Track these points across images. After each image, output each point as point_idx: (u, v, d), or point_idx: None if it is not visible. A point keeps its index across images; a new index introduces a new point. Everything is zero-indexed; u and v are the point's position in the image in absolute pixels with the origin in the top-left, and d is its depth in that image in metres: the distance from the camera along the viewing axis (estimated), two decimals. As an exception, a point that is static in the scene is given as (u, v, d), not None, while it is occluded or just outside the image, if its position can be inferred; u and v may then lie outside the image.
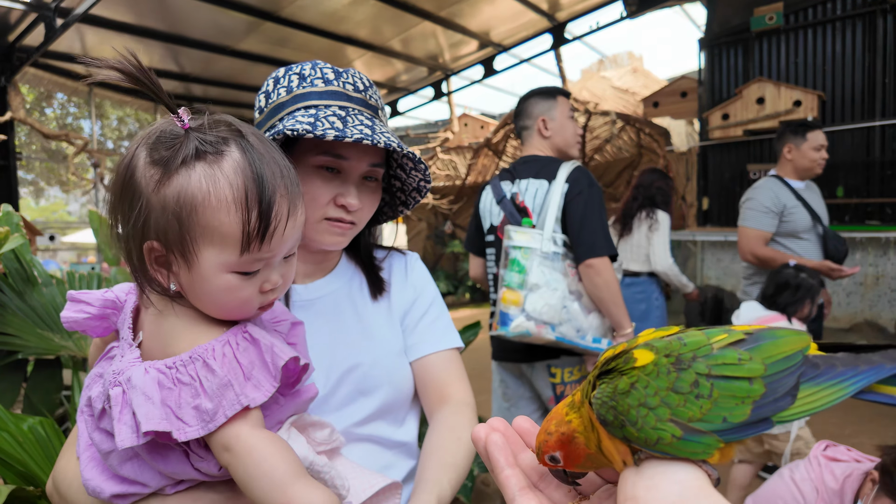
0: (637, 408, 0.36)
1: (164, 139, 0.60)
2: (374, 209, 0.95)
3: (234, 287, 0.62)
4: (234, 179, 0.59)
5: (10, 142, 4.60)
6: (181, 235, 0.59)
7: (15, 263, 1.74)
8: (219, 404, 0.58)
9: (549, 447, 0.42)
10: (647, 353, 0.38)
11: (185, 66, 6.16)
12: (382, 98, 1.03)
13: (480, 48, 6.78)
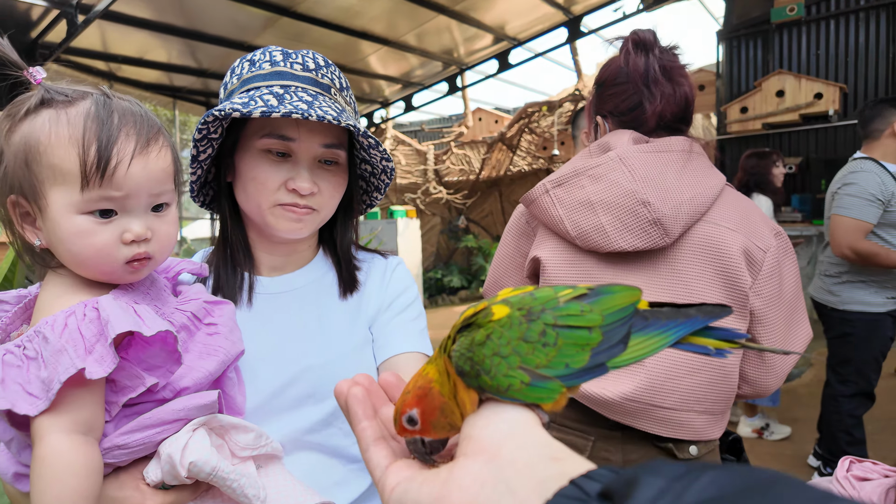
0: (491, 357, 0.39)
1: (21, 98, 0.63)
2: (336, 195, 0.90)
3: (87, 231, 0.61)
4: (76, 119, 0.60)
5: None
6: (30, 181, 0.61)
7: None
8: (54, 370, 0.56)
9: (406, 405, 0.43)
10: (503, 308, 0.41)
11: (203, 62, 6.21)
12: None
13: (495, 42, 6.76)
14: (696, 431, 1.17)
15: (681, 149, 1.17)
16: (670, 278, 1.15)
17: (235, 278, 0.90)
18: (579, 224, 1.18)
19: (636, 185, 1.12)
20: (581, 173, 1.20)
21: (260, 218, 0.87)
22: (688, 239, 1.15)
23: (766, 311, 1.16)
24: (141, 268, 0.65)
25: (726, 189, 1.22)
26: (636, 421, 1.17)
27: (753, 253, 1.14)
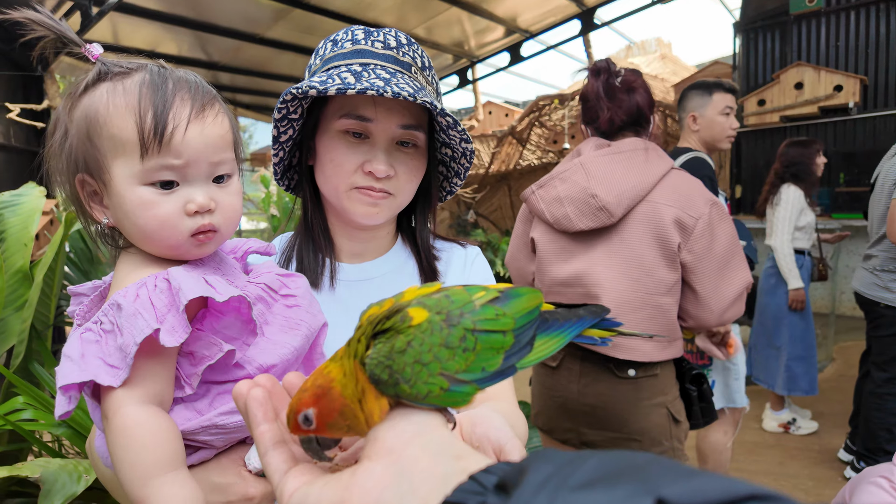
0: (412, 365, 0.38)
1: (81, 76, 0.63)
2: (414, 179, 0.87)
3: (150, 202, 0.60)
4: (131, 88, 0.60)
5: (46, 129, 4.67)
6: (94, 155, 0.61)
7: (80, 243, 1.76)
8: (129, 335, 0.55)
9: (303, 404, 0.41)
10: (421, 311, 0.40)
11: (213, 55, 6.19)
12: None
13: (507, 35, 6.71)
14: (647, 354, 1.59)
15: (629, 149, 1.63)
16: (621, 245, 1.61)
17: (318, 263, 0.89)
18: (554, 214, 1.67)
19: (588, 183, 1.61)
20: (555, 177, 1.70)
21: (337, 202, 0.86)
22: (633, 216, 1.60)
23: (697, 263, 1.57)
24: (207, 241, 0.64)
25: (672, 173, 1.63)
26: (596, 347, 1.58)
27: (685, 221, 1.55)
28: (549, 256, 1.74)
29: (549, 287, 1.75)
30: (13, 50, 4.28)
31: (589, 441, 1.73)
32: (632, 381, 1.64)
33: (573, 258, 1.68)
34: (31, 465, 1.19)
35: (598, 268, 1.63)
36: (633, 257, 1.59)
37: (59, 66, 5.34)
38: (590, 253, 1.65)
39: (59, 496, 1.15)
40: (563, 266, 1.70)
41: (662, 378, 1.66)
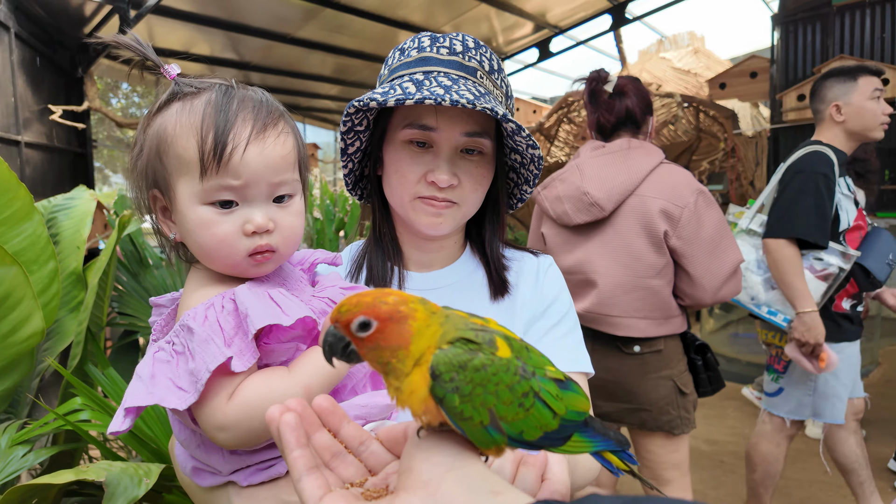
0: (476, 384, 0.39)
1: (158, 95, 0.66)
2: (479, 188, 0.85)
3: (209, 221, 0.61)
4: (197, 108, 0.62)
5: (87, 130, 4.78)
6: (163, 173, 0.62)
7: (130, 246, 1.79)
8: (201, 360, 0.55)
9: (374, 311, 0.41)
10: (505, 347, 0.42)
11: (245, 55, 6.26)
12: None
13: (535, 31, 6.63)
14: (642, 331, 1.79)
15: (619, 148, 1.85)
16: (613, 236, 1.81)
17: (387, 272, 0.89)
18: (556, 210, 1.91)
19: (582, 182, 1.83)
20: (555, 178, 1.94)
21: (403, 212, 0.86)
22: (623, 209, 1.80)
23: (686, 247, 1.76)
24: (265, 261, 0.64)
25: (661, 167, 1.82)
26: (597, 326, 1.84)
27: (671, 210, 1.75)
28: (556, 248, 1.95)
29: None
30: (55, 53, 4.38)
31: (603, 412, 1.92)
32: (638, 357, 1.82)
33: (575, 249, 1.90)
34: (95, 468, 1.22)
35: (594, 256, 1.84)
36: (623, 246, 1.79)
37: (97, 69, 5.47)
38: (587, 244, 1.86)
39: (123, 499, 1.17)
40: (567, 256, 1.91)
41: (667, 353, 1.83)
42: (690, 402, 1.88)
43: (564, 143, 8.16)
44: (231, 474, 0.64)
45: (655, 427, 1.84)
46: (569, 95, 7.46)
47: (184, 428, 0.66)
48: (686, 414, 1.86)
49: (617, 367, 1.85)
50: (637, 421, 1.87)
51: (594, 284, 1.82)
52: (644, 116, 1.91)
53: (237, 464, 0.63)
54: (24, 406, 1.78)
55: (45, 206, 2.05)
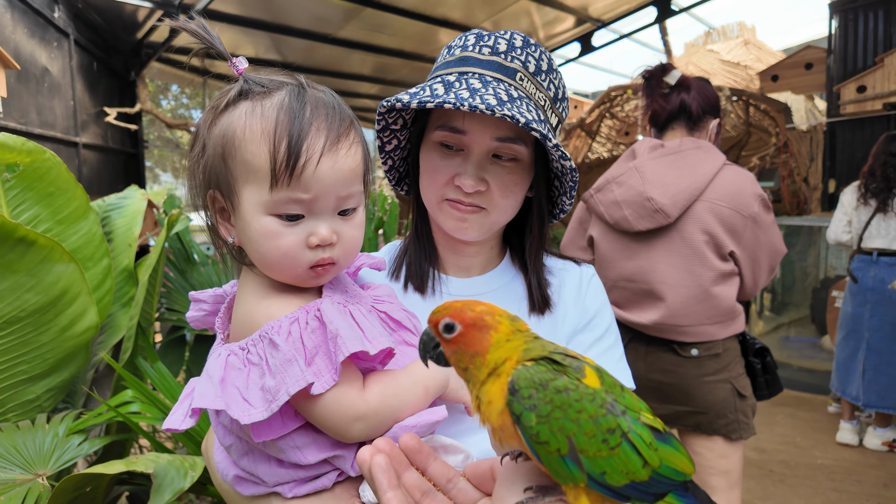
0: (555, 407, 0.38)
1: (224, 90, 0.62)
2: (510, 194, 0.81)
3: (273, 233, 0.58)
4: (269, 112, 0.58)
5: (139, 131, 4.98)
6: (226, 176, 0.60)
7: (178, 244, 1.85)
8: (281, 381, 0.54)
9: (460, 316, 0.43)
10: (594, 378, 0.41)
11: (288, 56, 6.39)
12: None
13: (577, 25, 6.51)
14: (711, 335, 1.75)
15: (680, 149, 1.78)
16: (681, 244, 1.74)
17: (423, 272, 0.88)
18: (613, 216, 1.80)
19: (644, 186, 1.73)
20: (611, 181, 1.83)
21: (432, 212, 0.85)
22: (690, 214, 1.72)
23: (745, 256, 1.74)
24: (325, 273, 0.63)
25: (724, 170, 1.75)
26: (664, 335, 1.78)
27: (736, 219, 1.70)
28: (613, 254, 1.86)
29: (613, 282, 1.88)
30: (110, 58, 4.58)
31: (657, 415, 1.83)
32: (695, 359, 1.77)
33: (636, 255, 1.81)
34: (144, 460, 1.26)
35: (660, 265, 1.75)
36: (691, 254, 1.72)
37: (149, 72, 5.69)
38: (651, 251, 1.77)
39: (169, 491, 1.21)
40: (627, 263, 1.82)
41: (725, 356, 1.77)
42: (749, 406, 1.82)
43: (607, 139, 7.99)
44: (275, 486, 0.63)
45: (712, 431, 1.79)
46: (611, 90, 7.29)
47: (229, 433, 0.64)
48: (744, 418, 1.80)
49: (672, 368, 1.80)
50: (692, 423, 1.82)
51: (660, 295, 1.76)
52: (702, 114, 1.84)
53: (283, 476, 0.62)
54: (80, 397, 1.86)
55: (100, 206, 2.14)
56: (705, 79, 1.90)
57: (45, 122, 3.38)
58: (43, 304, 1.53)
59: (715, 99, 1.86)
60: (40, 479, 1.34)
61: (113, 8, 4.27)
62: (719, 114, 1.87)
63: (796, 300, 5.48)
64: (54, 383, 1.66)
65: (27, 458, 1.41)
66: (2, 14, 2.93)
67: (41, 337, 1.57)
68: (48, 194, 1.70)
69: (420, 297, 0.87)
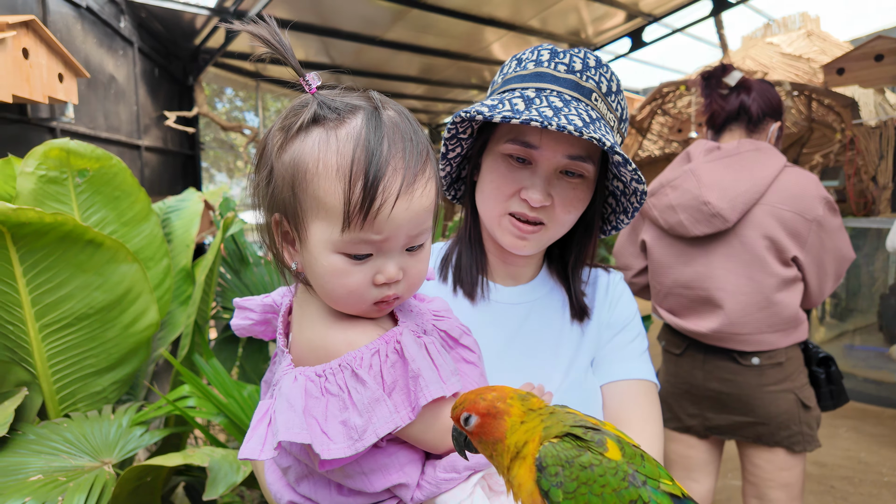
0: (581, 483, 0.40)
1: (294, 107, 0.59)
2: (573, 211, 0.81)
3: (341, 271, 0.56)
4: (345, 146, 0.55)
5: (196, 134, 5.19)
6: (294, 206, 0.57)
7: (232, 245, 1.92)
8: (369, 420, 0.52)
9: (475, 409, 0.46)
10: (616, 450, 0.42)
11: (336, 59, 6.51)
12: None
13: (628, 20, 6.35)
14: (772, 343, 1.69)
15: (738, 151, 1.71)
16: (740, 248, 1.67)
17: (473, 279, 0.89)
18: (668, 221, 1.75)
19: (700, 190, 1.68)
20: (665, 185, 1.78)
21: (489, 224, 0.85)
22: (749, 218, 1.65)
23: (809, 261, 1.67)
24: (387, 308, 0.62)
25: (786, 171, 1.68)
26: (723, 343, 1.72)
27: (799, 223, 1.62)
28: (668, 260, 1.81)
29: (669, 289, 1.82)
30: (170, 64, 4.79)
31: (714, 425, 1.81)
32: (756, 368, 1.71)
33: (692, 261, 1.75)
34: (200, 454, 1.32)
35: (718, 271, 1.69)
36: (752, 260, 1.66)
37: (205, 76, 5.92)
38: (709, 257, 1.71)
39: (223, 484, 1.26)
40: (683, 269, 1.77)
41: (788, 365, 1.71)
42: (814, 417, 1.75)
43: (658, 136, 7.77)
44: None
45: (773, 442, 1.72)
46: (663, 86, 7.09)
47: (287, 455, 0.63)
48: (809, 430, 1.73)
49: (731, 377, 1.74)
50: (752, 435, 1.75)
51: (718, 303, 1.70)
52: (762, 116, 1.77)
53: (340, 503, 0.61)
54: (142, 390, 1.96)
55: (161, 208, 2.25)
56: (768, 81, 1.83)
57: (111, 127, 3.57)
58: (109, 302, 1.62)
59: (777, 102, 1.78)
60: (106, 466, 1.42)
61: (173, 16, 4.46)
62: (781, 117, 1.79)
63: (862, 306, 5.18)
64: (118, 377, 1.75)
65: (94, 447, 1.50)
66: (73, 25, 3.12)
67: (107, 333, 1.66)
68: (114, 198, 1.80)
69: (469, 303, 0.88)
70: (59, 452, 1.46)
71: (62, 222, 1.44)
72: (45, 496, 1.27)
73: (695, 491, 1.91)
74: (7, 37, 2.15)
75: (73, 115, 2.80)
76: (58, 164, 1.69)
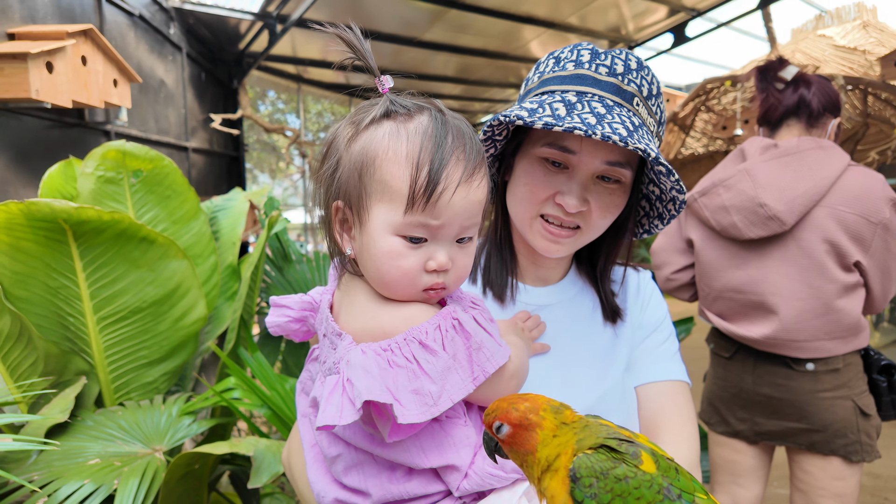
0: (616, 495, 0.40)
1: (365, 106, 0.64)
2: (608, 216, 0.80)
3: (397, 253, 0.60)
4: (414, 137, 0.60)
5: (240, 136, 5.35)
6: (359, 190, 0.61)
7: (276, 243, 1.98)
8: (443, 387, 0.55)
9: (507, 419, 0.46)
10: (651, 463, 0.42)
11: (376, 60, 6.60)
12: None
13: (670, 15, 6.21)
14: (829, 351, 1.61)
15: (798, 150, 1.61)
16: (798, 252, 1.59)
17: (503, 281, 0.89)
18: (721, 222, 1.68)
19: (756, 191, 1.60)
20: (718, 184, 1.69)
21: (520, 226, 0.84)
22: (807, 221, 1.57)
23: (873, 266, 1.58)
24: (435, 297, 0.65)
25: (849, 171, 1.58)
26: (777, 349, 1.65)
27: (863, 226, 1.53)
28: (719, 262, 1.73)
29: (719, 292, 1.74)
30: (216, 68, 4.95)
31: (764, 431, 1.74)
32: (810, 374, 1.64)
33: (745, 265, 1.67)
34: (245, 443, 1.37)
35: (773, 276, 1.61)
36: (810, 265, 1.58)
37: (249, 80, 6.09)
38: (763, 260, 1.64)
39: (267, 473, 1.30)
40: (735, 273, 1.69)
41: (846, 371, 1.64)
42: (874, 426, 1.66)
43: (702, 134, 7.55)
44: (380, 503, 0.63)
45: (829, 451, 1.64)
46: (707, 82, 6.88)
47: (337, 442, 0.64)
48: (868, 440, 1.64)
49: (784, 382, 1.67)
50: (806, 442, 1.68)
51: (772, 309, 1.63)
52: (822, 111, 1.68)
53: (392, 493, 0.62)
54: (190, 381, 2.05)
55: (208, 207, 2.33)
56: (826, 77, 1.74)
57: (161, 129, 3.72)
58: (160, 296, 1.70)
59: (836, 97, 1.68)
60: (157, 453, 1.49)
61: (219, 22, 4.61)
62: (839, 113, 1.69)
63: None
64: (168, 368, 1.83)
65: (146, 434, 1.57)
66: (127, 32, 3.26)
67: (158, 326, 1.74)
68: (165, 197, 1.88)
69: (499, 306, 0.89)
70: (115, 439, 1.54)
71: (118, 220, 1.52)
72: (103, 479, 1.34)
73: (742, 497, 1.85)
74: (68, 45, 2.27)
75: (127, 118, 2.94)
76: (114, 165, 1.78)
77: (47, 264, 1.56)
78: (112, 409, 1.67)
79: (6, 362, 1.55)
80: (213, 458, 1.51)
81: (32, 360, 1.58)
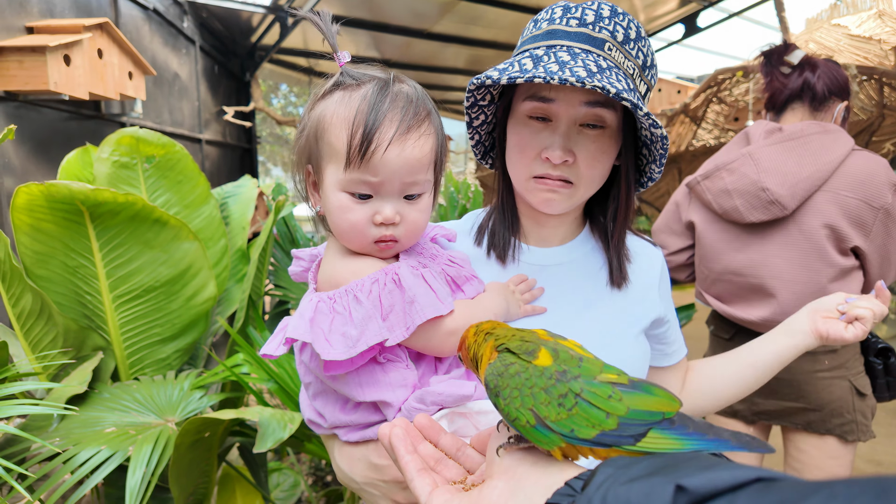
0: (512, 388, 0.46)
1: (327, 79, 0.72)
2: (597, 164, 0.80)
3: (345, 207, 0.67)
4: (354, 103, 0.66)
5: (253, 128, 5.44)
6: (317, 153, 0.69)
7: (283, 228, 2.05)
8: (362, 332, 0.63)
9: (462, 337, 0.57)
10: (547, 357, 0.47)
11: (386, 52, 6.64)
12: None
13: (681, 5, 6.17)
14: None
15: (802, 134, 1.60)
16: (798, 234, 1.60)
17: (505, 242, 0.91)
18: (722, 205, 1.68)
19: (758, 175, 1.60)
20: (721, 167, 1.69)
21: (519, 188, 0.86)
22: (809, 205, 1.57)
23: (872, 251, 1.58)
24: (388, 249, 0.71)
25: (853, 156, 1.57)
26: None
27: (865, 210, 1.53)
28: (719, 245, 1.74)
29: (718, 275, 1.77)
30: (228, 61, 5.04)
31: (762, 410, 1.76)
32: (808, 354, 1.64)
33: (746, 248, 1.69)
34: (251, 411, 1.44)
35: (774, 259, 1.62)
36: (810, 249, 1.59)
37: (261, 73, 6.18)
38: (764, 244, 1.65)
39: (271, 439, 1.37)
40: (736, 256, 1.70)
41: (843, 352, 1.66)
42: (869, 406, 1.68)
43: (713, 125, 7.49)
44: (333, 428, 0.73)
45: (825, 430, 1.67)
46: (718, 73, 6.82)
47: (308, 373, 0.75)
48: (863, 419, 1.67)
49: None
50: (803, 422, 1.70)
51: (771, 291, 1.64)
52: (827, 95, 1.65)
53: (341, 420, 0.72)
54: (201, 359, 2.13)
55: (219, 193, 2.41)
56: (834, 61, 1.72)
57: (175, 121, 3.81)
58: (173, 276, 1.77)
59: (844, 80, 1.66)
60: (170, 424, 1.57)
61: (231, 15, 4.70)
62: (847, 97, 1.67)
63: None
64: (181, 345, 1.91)
65: (160, 406, 1.66)
66: (141, 26, 3.35)
67: (171, 304, 1.82)
68: (177, 182, 1.96)
69: (500, 266, 0.90)
70: (130, 410, 1.63)
71: (133, 202, 1.60)
72: (118, 446, 1.42)
73: (738, 478, 1.89)
74: (84, 38, 2.36)
75: (142, 110, 3.03)
76: (129, 151, 1.86)
77: (66, 244, 1.64)
78: (127, 383, 1.75)
79: (28, 337, 1.64)
80: (222, 427, 1.58)
81: (53, 336, 1.67)
